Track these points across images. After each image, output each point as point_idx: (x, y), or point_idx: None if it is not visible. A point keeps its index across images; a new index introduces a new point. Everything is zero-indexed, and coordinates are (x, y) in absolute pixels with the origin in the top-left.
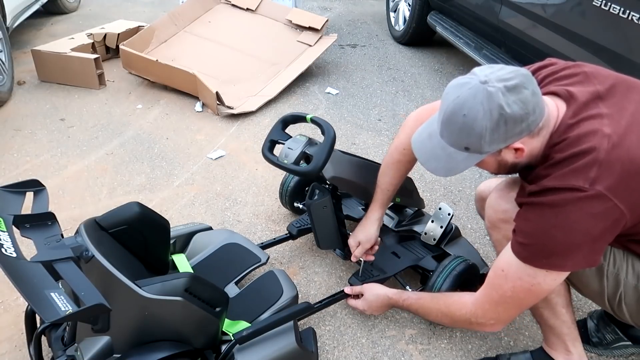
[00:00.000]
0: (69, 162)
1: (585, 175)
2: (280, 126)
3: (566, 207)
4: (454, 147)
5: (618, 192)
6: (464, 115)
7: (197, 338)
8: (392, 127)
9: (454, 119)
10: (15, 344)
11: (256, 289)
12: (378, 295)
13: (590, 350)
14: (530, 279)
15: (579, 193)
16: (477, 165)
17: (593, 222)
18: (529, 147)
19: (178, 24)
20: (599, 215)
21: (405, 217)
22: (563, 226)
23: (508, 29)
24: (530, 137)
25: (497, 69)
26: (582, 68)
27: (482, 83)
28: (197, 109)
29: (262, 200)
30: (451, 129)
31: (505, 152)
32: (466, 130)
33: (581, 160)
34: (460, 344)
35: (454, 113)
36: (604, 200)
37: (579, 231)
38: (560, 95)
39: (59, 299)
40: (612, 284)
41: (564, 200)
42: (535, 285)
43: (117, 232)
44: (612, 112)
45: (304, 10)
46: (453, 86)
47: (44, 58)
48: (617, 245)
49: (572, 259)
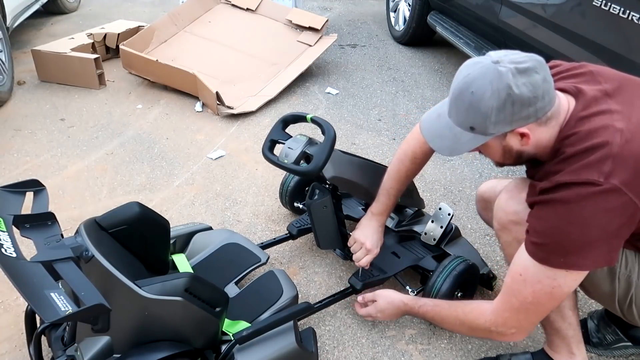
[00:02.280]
0: (69, 162)
1: (599, 169)
2: (280, 126)
3: (581, 203)
4: (461, 126)
5: (633, 186)
6: (471, 92)
7: (197, 338)
8: (392, 127)
9: (462, 97)
10: (15, 344)
11: (256, 289)
12: (392, 302)
13: (590, 351)
14: (551, 281)
15: (594, 187)
16: (482, 150)
17: (609, 218)
18: (536, 135)
19: (178, 24)
20: (615, 210)
21: (405, 217)
22: (579, 222)
23: (508, 29)
24: (537, 124)
25: (511, 52)
26: (588, 67)
27: (494, 63)
28: (197, 109)
29: (262, 200)
30: (458, 106)
31: (511, 137)
32: (473, 108)
33: (594, 155)
34: (460, 344)
35: (463, 90)
36: (619, 195)
37: (595, 227)
38: (569, 91)
39: (59, 299)
40: (623, 286)
41: (578, 196)
42: (556, 288)
43: (117, 232)
44: (622, 108)
45: (304, 10)
46: (466, 65)
47: (44, 58)
48: (629, 246)
49: (590, 256)
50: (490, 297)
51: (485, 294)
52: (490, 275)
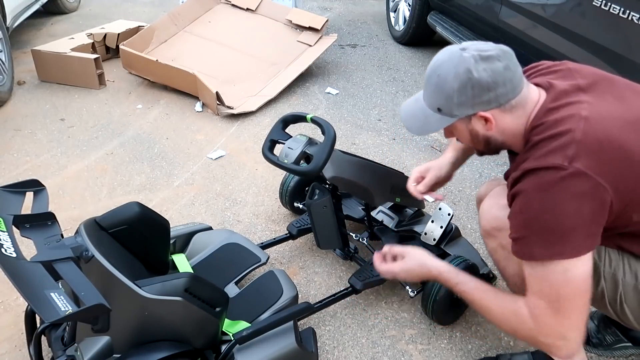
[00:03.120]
0: (69, 162)
1: (563, 154)
2: (280, 126)
3: (550, 190)
4: (431, 108)
5: (598, 169)
6: (438, 75)
7: (197, 338)
8: (392, 127)
9: (430, 79)
10: (15, 344)
11: (256, 289)
12: (424, 265)
13: (589, 351)
14: (556, 275)
15: (560, 172)
16: (452, 133)
17: (580, 202)
18: (500, 122)
19: (178, 24)
20: (585, 194)
21: (405, 217)
22: (552, 210)
23: (508, 29)
24: (501, 111)
25: (482, 43)
26: (567, 65)
27: (461, 50)
28: (197, 109)
29: (262, 200)
30: (428, 88)
31: (475, 121)
32: (439, 89)
33: (558, 141)
34: (460, 344)
35: (431, 73)
36: (586, 178)
37: (568, 213)
38: (542, 85)
39: (59, 299)
40: (610, 286)
41: (547, 183)
42: (569, 278)
43: (117, 232)
44: (593, 100)
45: (304, 10)
46: (440, 52)
47: (44, 58)
48: (611, 245)
49: (570, 243)
50: None
51: None
52: (490, 275)
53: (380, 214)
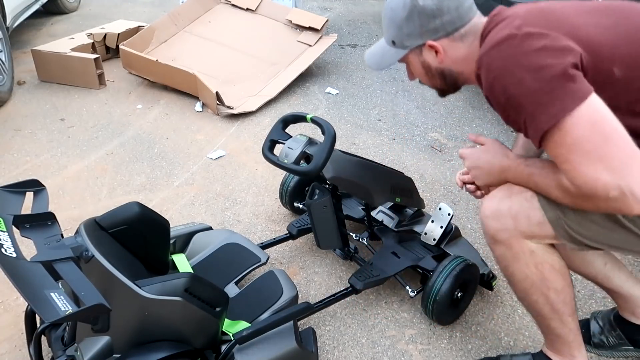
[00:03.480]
0: (69, 162)
1: (510, 26)
2: (280, 126)
3: (513, 57)
4: (387, 43)
5: (546, 27)
6: (390, 8)
7: (197, 338)
8: (392, 127)
9: (384, 14)
10: (15, 344)
11: (256, 289)
12: (492, 166)
13: (590, 351)
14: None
15: (513, 39)
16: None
17: (547, 55)
18: (451, 52)
19: (178, 24)
20: (546, 47)
21: (405, 217)
22: (526, 74)
23: None
24: (450, 40)
25: None
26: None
27: None
28: (197, 109)
29: (262, 200)
30: (383, 23)
31: (426, 52)
32: (390, 22)
33: (503, 22)
34: (460, 344)
35: (385, 8)
36: (539, 36)
37: (540, 67)
38: None
39: (59, 299)
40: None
41: (506, 54)
42: (588, 125)
43: (117, 232)
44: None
45: (304, 10)
46: None
47: (44, 58)
48: None
49: (564, 94)
50: (490, 297)
51: (485, 294)
52: (490, 275)
53: (380, 214)
